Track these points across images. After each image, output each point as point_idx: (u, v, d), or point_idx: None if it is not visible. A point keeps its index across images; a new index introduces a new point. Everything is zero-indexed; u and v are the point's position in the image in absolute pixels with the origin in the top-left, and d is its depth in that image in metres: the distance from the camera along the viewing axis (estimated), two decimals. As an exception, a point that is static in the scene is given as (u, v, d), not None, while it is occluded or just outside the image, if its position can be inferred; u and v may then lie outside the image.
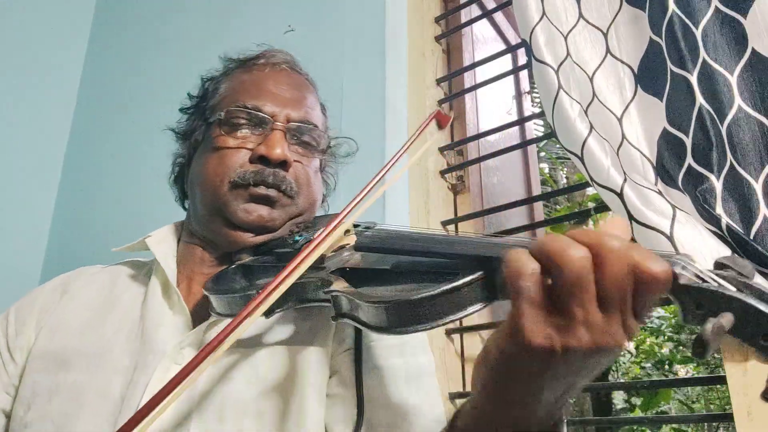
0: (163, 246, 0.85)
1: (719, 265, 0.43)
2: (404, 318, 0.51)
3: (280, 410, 0.67)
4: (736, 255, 0.44)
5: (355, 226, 0.74)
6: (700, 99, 0.85)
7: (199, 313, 0.76)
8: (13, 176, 1.82)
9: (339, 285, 0.59)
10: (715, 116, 0.84)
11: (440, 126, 0.85)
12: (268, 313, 0.62)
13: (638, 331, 0.42)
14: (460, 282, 0.49)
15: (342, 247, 0.67)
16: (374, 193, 0.70)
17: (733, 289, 0.40)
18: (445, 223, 1.37)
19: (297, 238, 0.75)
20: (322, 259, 0.65)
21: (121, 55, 2.03)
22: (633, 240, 0.45)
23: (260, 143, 0.79)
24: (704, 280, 0.41)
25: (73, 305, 0.82)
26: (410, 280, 0.56)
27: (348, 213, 0.65)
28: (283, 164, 0.79)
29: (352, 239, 0.68)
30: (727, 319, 0.38)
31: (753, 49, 0.85)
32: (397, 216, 1.23)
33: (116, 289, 0.84)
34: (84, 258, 0.85)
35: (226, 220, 0.79)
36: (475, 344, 1.33)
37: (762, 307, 0.38)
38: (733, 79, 0.86)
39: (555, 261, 0.42)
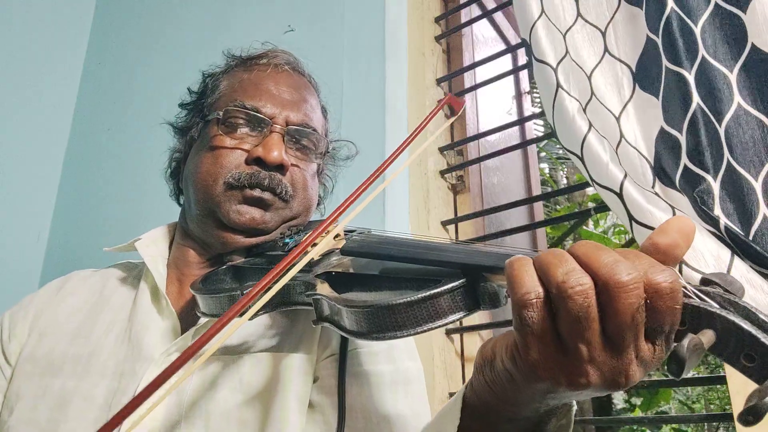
0: (153, 249, 0.84)
1: (705, 281, 0.42)
2: (382, 324, 0.50)
3: (261, 419, 0.66)
4: (725, 273, 0.42)
5: (350, 231, 0.72)
6: (696, 98, 0.84)
7: (189, 317, 0.76)
8: (13, 176, 1.82)
9: (323, 289, 0.58)
10: (710, 115, 0.84)
11: (454, 112, 0.83)
12: (251, 316, 0.60)
13: (660, 358, 0.40)
14: (439, 289, 0.48)
15: (331, 252, 0.66)
16: (369, 193, 0.67)
17: (716, 306, 0.38)
18: (445, 223, 1.37)
19: (287, 240, 0.74)
20: (309, 262, 0.63)
21: (120, 55, 2.03)
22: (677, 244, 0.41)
23: (257, 144, 0.78)
24: (687, 295, 0.39)
25: (63, 309, 0.82)
26: (396, 286, 0.55)
27: (340, 214, 0.63)
28: (280, 167, 0.78)
29: (341, 243, 0.67)
30: (707, 336, 0.37)
31: (753, 44, 0.85)
32: (397, 216, 1.23)
33: (106, 292, 0.84)
34: (84, 258, 0.85)
35: (218, 221, 0.78)
36: (474, 344, 1.32)
37: (744, 325, 0.36)
38: (732, 77, 0.85)
39: (557, 292, 0.38)
